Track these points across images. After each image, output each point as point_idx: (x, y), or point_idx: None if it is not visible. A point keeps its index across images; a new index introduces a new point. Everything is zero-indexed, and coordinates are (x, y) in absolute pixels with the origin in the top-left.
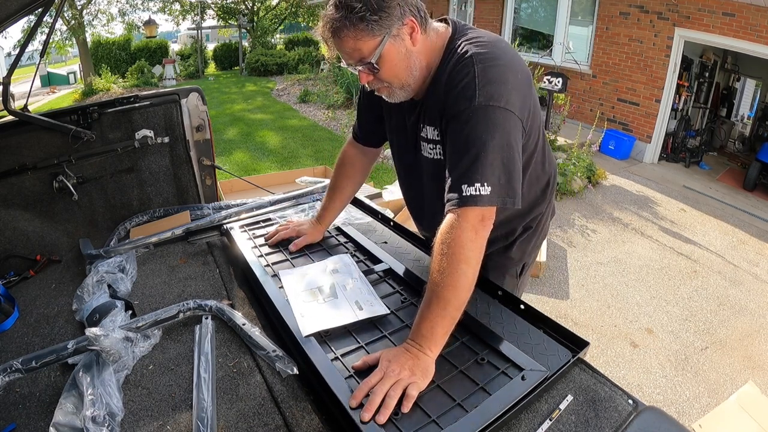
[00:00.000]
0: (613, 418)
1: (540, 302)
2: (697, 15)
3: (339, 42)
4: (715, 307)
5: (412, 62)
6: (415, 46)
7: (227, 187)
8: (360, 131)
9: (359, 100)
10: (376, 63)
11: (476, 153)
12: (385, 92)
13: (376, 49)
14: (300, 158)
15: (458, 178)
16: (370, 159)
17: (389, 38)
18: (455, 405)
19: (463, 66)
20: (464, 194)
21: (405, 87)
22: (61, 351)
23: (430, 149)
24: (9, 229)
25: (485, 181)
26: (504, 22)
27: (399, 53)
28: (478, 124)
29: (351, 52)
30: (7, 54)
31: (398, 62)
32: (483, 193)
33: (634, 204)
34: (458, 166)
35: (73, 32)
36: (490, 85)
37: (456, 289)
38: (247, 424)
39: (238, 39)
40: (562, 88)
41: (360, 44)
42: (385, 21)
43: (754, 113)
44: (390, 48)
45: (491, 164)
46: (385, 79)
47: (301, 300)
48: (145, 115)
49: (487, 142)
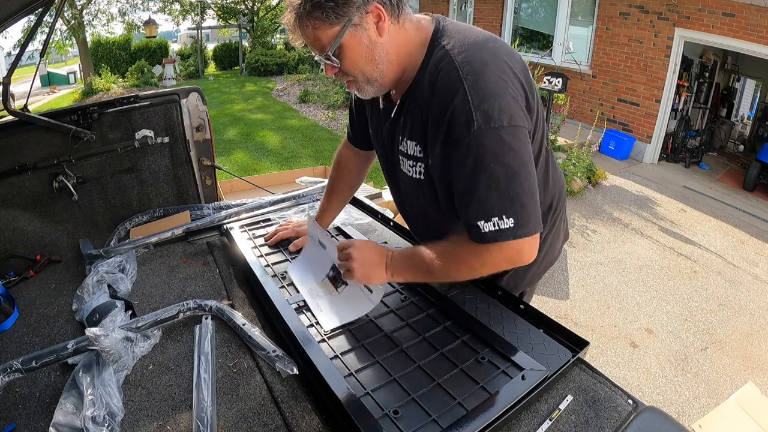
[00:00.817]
0: (613, 418)
1: (540, 302)
2: (697, 15)
3: (300, 32)
4: (715, 307)
5: (377, 54)
6: (381, 36)
7: (227, 187)
8: (353, 133)
9: (350, 101)
10: (334, 54)
11: (486, 186)
12: (353, 87)
13: (334, 39)
14: (300, 158)
15: (475, 215)
16: (365, 160)
17: (349, 27)
18: (455, 404)
19: (450, 81)
20: (483, 231)
21: (371, 81)
22: (61, 351)
23: (410, 166)
24: (9, 229)
25: (503, 213)
26: (504, 22)
27: (360, 44)
28: (484, 153)
29: (312, 42)
30: (7, 54)
31: (360, 54)
32: (502, 228)
33: (634, 204)
34: (472, 202)
35: (73, 32)
36: (485, 102)
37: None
38: (247, 424)
39: (238, 39)
40: (562, 88)
41: (318, 33)
42: (343, 8)
43: (754, 113)
44: (350, 38)
45: (507, 194)
46: (347, 71)
47: (316, 294)
48: (145, 115)
49: (496, 171)
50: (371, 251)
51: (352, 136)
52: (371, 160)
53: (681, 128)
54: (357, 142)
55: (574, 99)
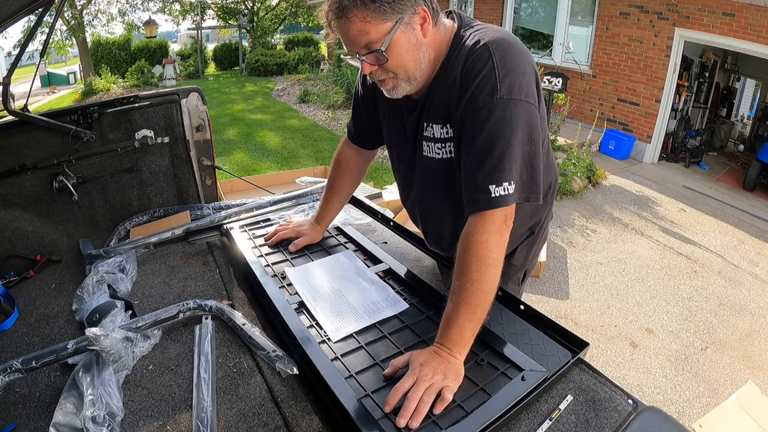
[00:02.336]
0: (613, 418)
1: (540, 302)
2: (697, 15)
3: (345, 23)
4: (715, 307)
5: (421, 54)
6: (425, 37)
7: (227, 187)
8: (356, 132)
9: (355, 100)
10: (384, 51)
11: (501, 151)
12: (390, 84)
13: (386, 35)
14: (300, 158)
15: (485, 179)
16: (366, 159)
17: (401, 25)
18: (455, 405)
19: (478, 56)
20: (493, 195)
21: (411, 80)
22: (61, 351)
23: (438, 149)
24: (9, 229)
25: (511, 179)
26: (504, 22)
27: (409, 42)
28: (503, 119)
29: (357, 36)
30: (7, 54)
31: (408, 52)
32: (510, 192)
33: (634, 204)
34: (483, 166)
35: (73, 32)
36: (509, 76)
37: (485, 293)
38: (247, 424)
39: (238, 39)
40: (562, 88)
41: (368, 27)
42: (398, 6)
43: (754, 113)
44: (400, 36)
45: (516, 161)
46: (392, 69)
47: (322, 302)
48: (145, 115)
49: (512, 139)
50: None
51: (355, 136)
52: (371, 160)
53: (681, 128)
54: (360, 141)
55: (574, 99)
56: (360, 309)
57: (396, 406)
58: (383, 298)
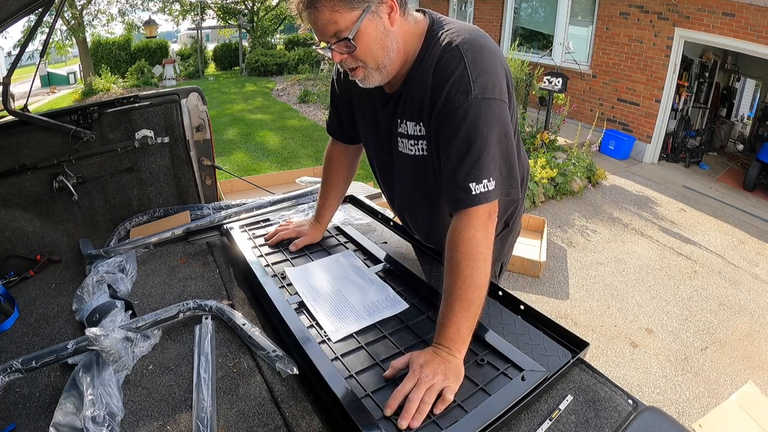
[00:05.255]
0: (613, 418)
1: (540, 302)
2: (697, 15)
3: (314, 13)
4: (715, 307)
5: (389, 42)
6: (393, 26)
7: (227, 187)
8: (336, 128)
9: (332, 97)
10: (352, 39)
11: (479, 149)
12: (361, 74)
13: (354, 23)
14: (300, 158)
15: (465, 177)
16: (353, 153)
17: (368, 13)
18: (455, 405)
19: (450, 57)
20: (474, 193)
21: (381, 68)
22: (61, 351)
23: (411, 145)
24: (9, 229)
25: (490, 176)
26: (504, 22)
27: (377, 30)
28: (478, 118)
29: (326, 25)
30: (7, 54)
31: (376, 40)
32: (490, 189)
33: (634, 204)
34: (462, 165)
35: (73, 32)
36: (482, 76)
37: (478, 288)
38: (247, 424)
39: (238, 39)
40: (562, 88)
41: (336, 16)
42: None
43: (754, 113)
44: (368, 24)
45: (494, 158)
46: (360, 57)
47: (322, 302)
48: (145, 115)
49: (489, 137)
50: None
51: (337, 133)
52: (360, 153)
53: (681, 128)
54: (343, 137)
55: (574, 99)
56: (360, 309)
57: (397, 408)
58: (383, 298)
